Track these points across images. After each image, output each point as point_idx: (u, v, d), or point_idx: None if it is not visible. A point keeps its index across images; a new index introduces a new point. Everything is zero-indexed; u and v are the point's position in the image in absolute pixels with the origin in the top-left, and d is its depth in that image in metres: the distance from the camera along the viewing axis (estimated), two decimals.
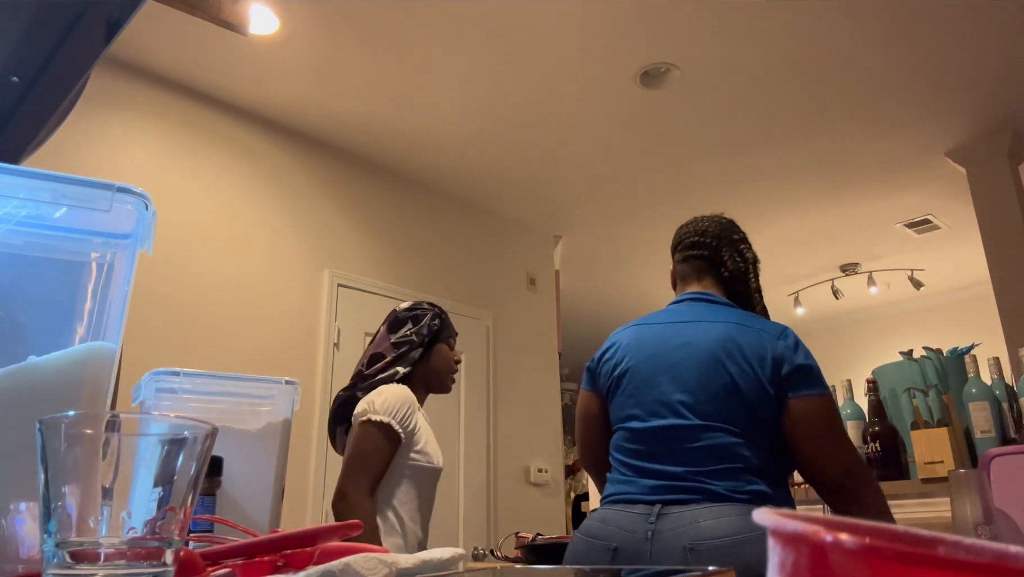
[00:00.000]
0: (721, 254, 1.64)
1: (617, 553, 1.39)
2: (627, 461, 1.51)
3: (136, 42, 3.18)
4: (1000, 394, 2.18)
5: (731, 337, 1.48)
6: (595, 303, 6.39)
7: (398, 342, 2.00)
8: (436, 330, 2.04)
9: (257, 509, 1.09)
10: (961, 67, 3.47)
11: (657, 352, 1.53)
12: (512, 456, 4.37)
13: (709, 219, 1.71)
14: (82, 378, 0.62)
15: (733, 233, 1.68)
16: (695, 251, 1.67)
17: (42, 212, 0.64)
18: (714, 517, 1.34)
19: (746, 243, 1.69)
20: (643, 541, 1.37)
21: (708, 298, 1.61)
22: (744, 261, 1.65)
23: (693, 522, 1.34)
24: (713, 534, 1.32)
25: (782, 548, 0.21)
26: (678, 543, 1.33)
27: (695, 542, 1.32)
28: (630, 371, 1.55)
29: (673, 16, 3.10)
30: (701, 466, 1.41)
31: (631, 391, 1.54)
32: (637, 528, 1.39)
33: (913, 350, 2.51)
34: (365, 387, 1.97)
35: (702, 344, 1.49)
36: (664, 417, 1.47)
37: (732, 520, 1.33)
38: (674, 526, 1.35)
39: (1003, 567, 0.18)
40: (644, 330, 1.60)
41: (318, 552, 0.61)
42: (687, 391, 1.47)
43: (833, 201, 4.80)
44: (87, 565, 0.42)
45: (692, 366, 1.48)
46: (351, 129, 3.87)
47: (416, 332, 2.01)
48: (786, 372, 1.45)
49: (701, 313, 1.56)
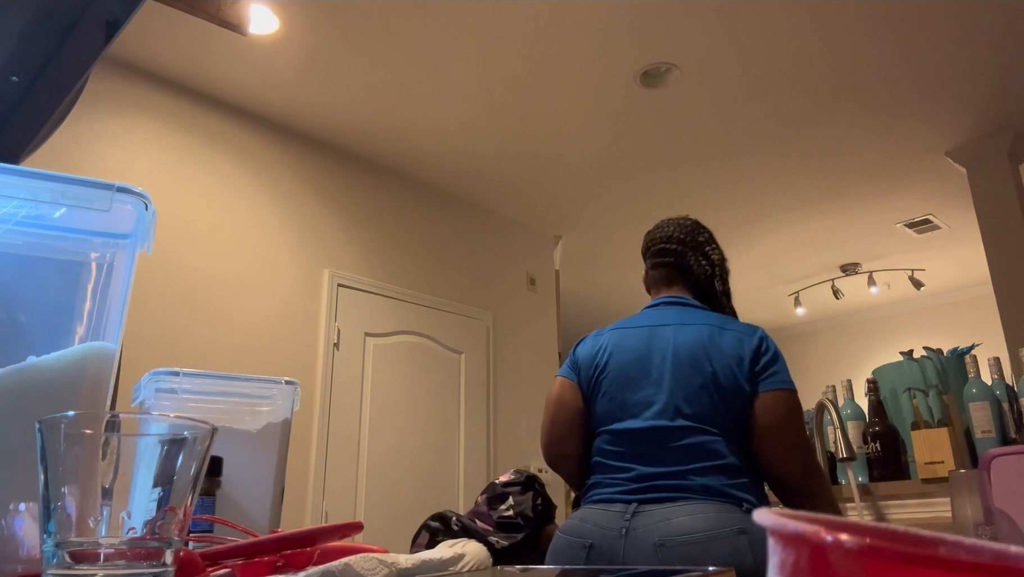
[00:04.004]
0: (687, 260, 1.68)
1: (592, 550, 1.43)
2: (608, 463, 1.54)
3: (136, 42, 3.18)
4: (1000, 394, 2.18)
5: (710, 338, 1.53)
6: (595, 303, 6.39)
7: (502, 521, 1.76)
8: (548, 505, 1.83)
9: (257, 509, 1.09)
10: (961, 67, 3.46)
11: (638, 356, 1.57)
12: (512, 456, 4.37)
13: (674, 224, 1.74)
14: (82, 378, 0.62)
15: (698, 236, 1.71)
16: (662, 258, 1.71)
17: (42, 212, 0.64)
18: (686, 514, 1.37)
19: (711, 244, 1.71)
20: (617, 538, 1.41)
21: (683, 302, 1.65)
22: (710, 264, 1.69)
23: (665, 519, 1.38)
24: (683, 531, 1.35)
25: (782, 548, 0.21)
26: (649, 540, 1.37)
27: (665, 538, 1.35)
28: (611, 375, 1.58)
29: (673, 16, 3.10)
30: (680, 465, 1.45)
31: (613, 393, 1.57)
32: (612, 526, 1.43)
33: (913, 350, 2.51)
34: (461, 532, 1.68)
35: (683, 346, 1.53)
36: (645, 419, 1.51)
37: (704, 517, 1.36)
38: (647, 524, 1.39)
39: (1003, 567, 0.18)
40: (625, 334, 1.63)
41: (318, 552, 0.61)
42: (668, 392, 1.51)
43: (833, 201, 4.80)
44: (87, 565, 0.42)
45: (672, 367, 1.52)
46: (351, 129, 3.87)
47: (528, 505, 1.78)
48: (758, 368, 1.51)
49: (678, 316, 1.60)
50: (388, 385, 3.90)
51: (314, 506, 3.43)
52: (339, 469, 3.58)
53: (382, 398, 3.86)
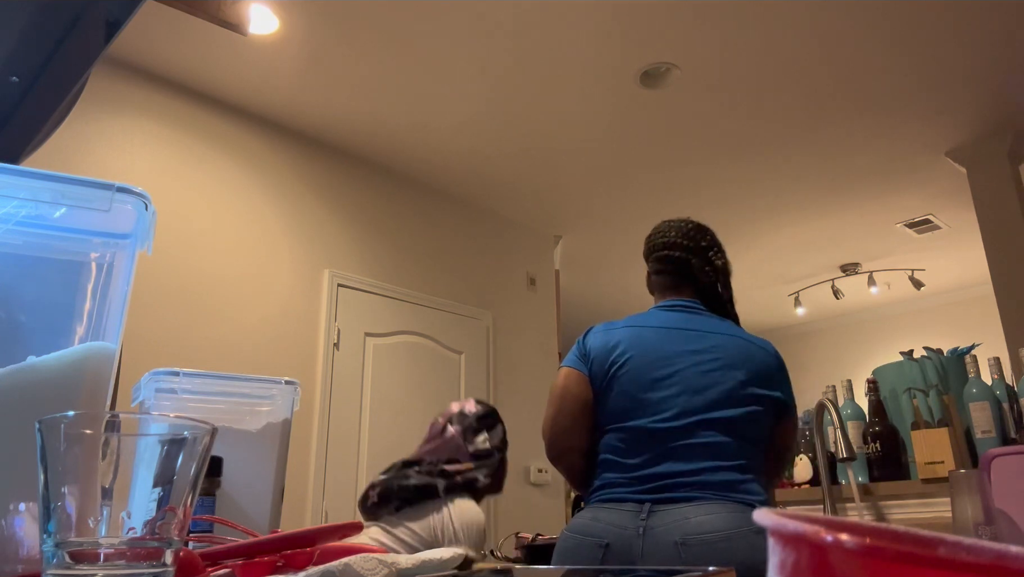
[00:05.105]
0: (691, 265, 1.66)
1: (609, 549, 1.42)
2: (620, 460, 1.52)
3: (136, 42, 3.18)
4: (1000, 394, 2.18)
5: (736, 348, 1.56)
6: (595, 303, 6.40)
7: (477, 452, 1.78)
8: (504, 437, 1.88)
9: (257, 509, 1.09)
10: (961, 67, 3.46)
11: (660, 356, 1.55)
12: (512, 456, 4.34)
13: (676, 228, 1.71)
14: (82, 378, 0.62)
15: (701, 240, 1.69)
16: (666, 263, 1.69)
17: (42, 212, 0.64)
18: (704, 514, 1.38)
19: (714, 248, 1.70)
20: (634, 537, 1.40)
21: (695, 307, 1.65)
22: (714, 271, 1.68)
23: (684, 519, 1.38)
24: (703, 529, 1.35)
25: (783, 548, 0.21)
26: (669, 538, 1.37)
27: (686, 536, 1.35)
28: (630, 372, 1.55)
29: (673, 16, 3.10)
30: (695, 464, 1.45)
31: (630, 391, 1.54)
32: (628, 525, 1.42)
33: (913, 350, 2.51)
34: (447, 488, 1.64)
35: (707, 353, 1.55)
36: (664, 419, 1.50)
37: (722, 516, 1.37)
38: (665, 522, 1.39)
39: (1003, 567, 0.18)
40: (643, 333, 1.60)
41: (318, 552, 0.61)
42: (690, 395, 1.51)
43: (833, 201, 4.80)
44: (87, 565, 0.42)
45: (702, 374, 1.53)
46: (351, 129, 3.87)
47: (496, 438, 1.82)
48: (779, 390, 1.58)
49: (698, 323, 1.60)
50: (388, 385, 3.90)
51: (314, 506, 3.43)
52: (339, 469, 3.58)
53: (382, 398, 3.86)
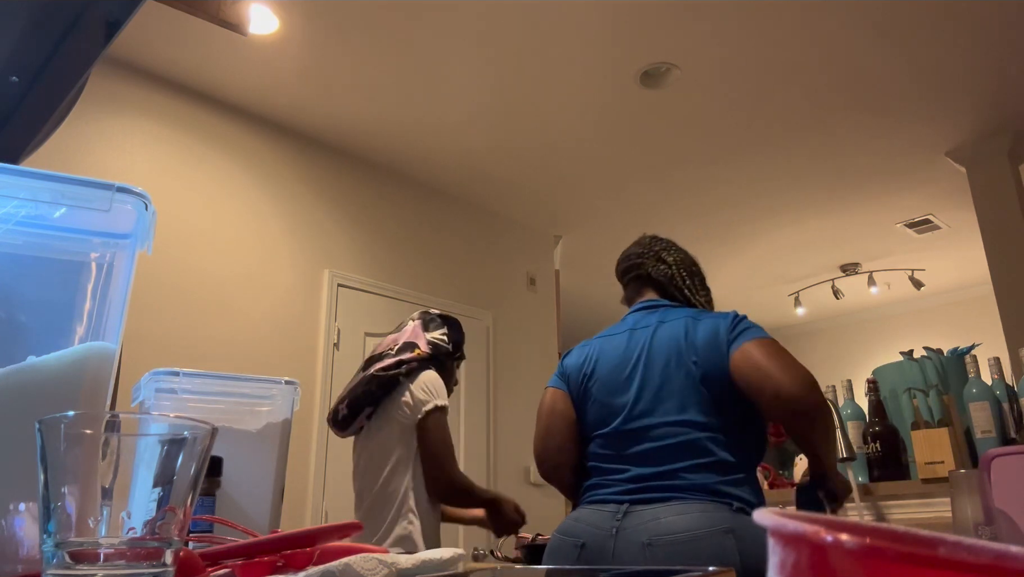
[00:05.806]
0: (646, 267, 1.77)
1: (584, 549, 1.47)
2: (603, 465, 1.58)
3: (136, 42, 3.18)
4: (1000, 394, 2.18)
5: (686, 331, 1.56)
6: (595, 303, 6.39)
7: (433, 341, 2.10)
8: (461, 344, 2.18)
9: (257, 509, 1.09)
10: (961, 67, 3.46)
11: (620, 359, 1.61)
12: (512, 456, 4.37)
13: (635, 243, 1.85)
14: (81, 378, 0.62)
15: (655, 245, 1.80)
16: (629, 274, 1.82)
17: (42, 212, 0.64)
18: (675, 514, 1.39)
19: (668, 249, 1.79)
20: (608, 537, 1.44)
21: (655, 304, 1.71)
22: (667, 266, 1.76)
23: (654, 519, 1.40)
24: (671, 530, 1.37)
25: (783, 548, 0.21)
26: (638, 539, 1.39)
27: (653, 538, 1.38)
28: (598, 381, 1.63)
29: (673, 16, 3.10)
30: (670, 465, 1.47)
31: (601, 398, 1.61)
32: (604, 525, 1.46)
33: (913, 350, 2.51)
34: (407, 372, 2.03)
35: (660, 344, 1.57)
36: (630, 420, 1.54)
37: (692, 516, 1.38)
38: (637, 523, 1.42)
39: (1003, 567, 0.18)
40: (610, 340, 1.68)
41: (318, 552, 0.61)
42: (651, 392, 1.54)
43: (833, 201, 4.80)
44: (87, 565, 0.42)
45: (654, 367, 1.55)
46: (351, 129, 3.87)
47: (451, 338, 2.13)
48: (735, 334, 1.51)
49: (655, 318, 1.65)
50: None
51: (314, 506, 3.43)
52: (339, 469, 3.58)
53: None
